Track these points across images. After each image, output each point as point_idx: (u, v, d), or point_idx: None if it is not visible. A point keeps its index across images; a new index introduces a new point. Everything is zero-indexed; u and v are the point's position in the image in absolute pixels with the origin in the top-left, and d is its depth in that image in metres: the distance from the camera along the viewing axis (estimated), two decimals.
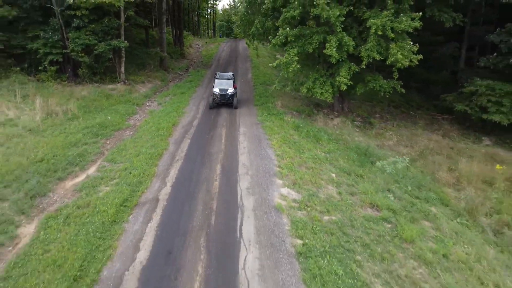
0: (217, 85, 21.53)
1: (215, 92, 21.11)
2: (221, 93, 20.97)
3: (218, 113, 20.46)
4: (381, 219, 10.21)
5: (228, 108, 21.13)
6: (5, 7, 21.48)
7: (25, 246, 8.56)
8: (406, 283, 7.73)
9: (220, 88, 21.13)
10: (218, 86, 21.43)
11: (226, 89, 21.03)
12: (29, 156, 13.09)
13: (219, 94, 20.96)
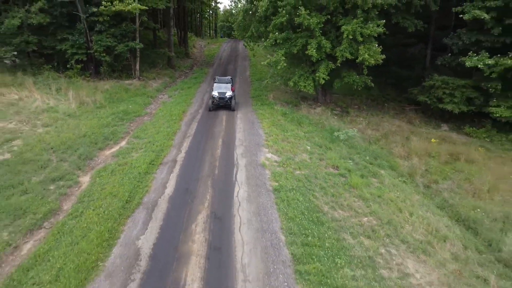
0: (216, 88, 22.33)
1: (214, 95, 21.98)
2: (219, 96, 21.84)
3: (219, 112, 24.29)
4: (338, 174, 14.08)
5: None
6: (40, 14, 25.32)
7: (86, 187, 12.45)
8: (345, 208, 11.60)
9: (219, 91, 21.98)
10: (217, 89, 22.23)
11: (224, 92, 21.92)
12: (74, 133, 16.99)
13: (218, 97, 21.84)
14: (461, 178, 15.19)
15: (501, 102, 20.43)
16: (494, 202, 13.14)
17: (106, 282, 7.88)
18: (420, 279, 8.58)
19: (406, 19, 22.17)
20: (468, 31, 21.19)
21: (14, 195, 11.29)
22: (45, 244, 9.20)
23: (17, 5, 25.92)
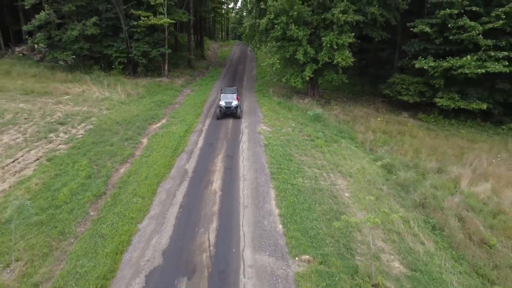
0: (223, 98, 24.21)
1: (221, 105, 23.81)
2: (226, 105, 23.76)
3: None
4: (309, 140, 21.06)
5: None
6: (93, 27, 32.86)
7: (147, 144, 19.73)
8: (308, 156, 18.58)
9: (225, 101, 23.86)
10: (224, 99, 24.09)
11: (230, 102, 23.82)
12: (129, 114, 24.36)
13: (225, 107, 23.77)
14: (397, 145, 22.02)
15: (443, 94, 27.14)
16: (411, 157, 19.97)
17: (171, 181, 15.10)
18: (338, 185, 15.58)
19: (373, 31, 28.94)
20: (419, 41, 27.89)
21: (106, 146, 18.64)
22: (133, 167, 16.49)
23: (75, 20, 33.53)
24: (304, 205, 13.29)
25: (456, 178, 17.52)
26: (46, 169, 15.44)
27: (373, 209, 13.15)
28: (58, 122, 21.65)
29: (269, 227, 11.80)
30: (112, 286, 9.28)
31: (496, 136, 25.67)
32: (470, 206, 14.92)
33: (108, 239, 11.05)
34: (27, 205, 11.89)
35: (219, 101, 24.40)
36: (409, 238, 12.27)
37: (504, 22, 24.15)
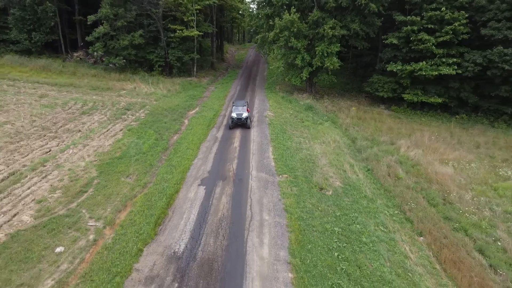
0: (234, 110, 27.05)
1: (233, 116, 26.63)
2: (237, 117, 26.52)
3: (246, 92, 40.42)
4: (301, 122, 29.74)
5: (251, 94, 40.40)
6: (139, 38, 42.21)
7: (188, 123, 28.80)
8: (298, 131, 27.27)
9: (237, 113, 26.69)
10: (235, 111, 26.89)
11: (241, 114, 26.58)
12: (171, 104, 33.52)
13: (236, 118, 26.50)
14: (364, 126, 30.39)
15: (410, 91, 35.26)
16: (371, 133, 28.33)
17: (208, 142, 24.05)
18: (314, 148, 24.22)
19: (356, 42, 37.25)
20: (390, 49, 36.06)
21: (162, 123, 27.75)
22: (182, 135, 25.52)
23: (125, 32, 43.00)
24: (289, 154, 22.03)
25: (399, 147, 25.86)
26: (129, 135, 24.66)
27: (332, 158, 21.83)
28: (125, 108, 31.01)
29: (266, 163, 20.62)
30: (183, 184, 18.22)
31: (448, 123, 33.68)
32: (399, 161, 23.30)
33: (177, 167, 20.03)
34: (130, 150, 21.08)
35: (231, 113, 27.24)
36: (350, 173, 20.83)
37: (452, 36, 32.12)
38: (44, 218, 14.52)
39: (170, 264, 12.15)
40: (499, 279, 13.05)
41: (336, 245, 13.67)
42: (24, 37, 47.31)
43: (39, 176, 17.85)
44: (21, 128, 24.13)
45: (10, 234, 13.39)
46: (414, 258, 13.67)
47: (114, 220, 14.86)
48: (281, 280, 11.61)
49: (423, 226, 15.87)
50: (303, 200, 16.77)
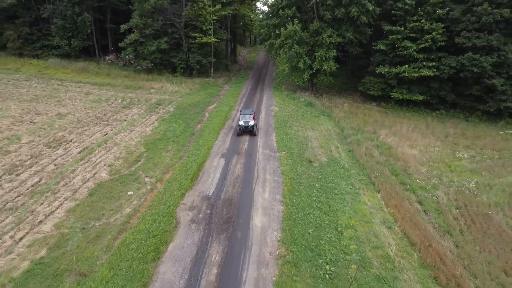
0: (242, 118, 29.15)
1: (240, 124, 28.57)
2: (244, 124, 28.43)
3: (256, 91, 46.90)
4: (301, 115, 36.09)
5: (260, 92, 46.90)
6: (164, 44, 49.07)
7: (209, 115, 35.41)
8: (297, 122, 33.62)
9: (244, 121, 28.68)
10: (242, 119, 28.92)
11: (248, 121, 28.61)
12: (193, 100, 40.25)
13: (243, 126, 28.41)
14: (355, 120, 36.49)
15: (396, 90, 41.16)
16: (357, 124, 34.42)
17: (225, 130, 30.56)
18: (309, 135, 30.52)
19: (351, 48, 43.31)
20: (379, 54, 41.99)
21: (187, 115, 34.43)
22: (204, 124, 32.11)
23: (153, 39, 49.92)
24: (288, 138, 28.41)
25: (379, 135, 31.93)
26: (163, 123, 31.38)
27: (322, 142, 28.16)
28: (156, 103, 37.82)
29: (270, 143, 27.06)
30: (209, 157, 24.74)
31: (428, 117, 39.49)
32: (376, 145, 29.43)
33: (203, 146, 26.56)
34: (166, 134, 27.82)
35: (239, 120, 29.33)
36: (334, 152, 27.08)
37: (431, 43, 37.92)
38: (116, 175, 21.26)
39: (204, 201, 18.70)
40: (426, 218, 19.20)
41: (314, 193, 20.03)
42: (64, 43, 54.75)
43: (105, 150, 24.67)
44: (80, 118, 31.13)
45: (96, 183, 20.14)
46: (369, 203, 19.92)
47: (162, 178, 21.49)
48: (276, 210, 18.04)
49: (382, 187, 22.04)
50: (295, 168, 23.16)
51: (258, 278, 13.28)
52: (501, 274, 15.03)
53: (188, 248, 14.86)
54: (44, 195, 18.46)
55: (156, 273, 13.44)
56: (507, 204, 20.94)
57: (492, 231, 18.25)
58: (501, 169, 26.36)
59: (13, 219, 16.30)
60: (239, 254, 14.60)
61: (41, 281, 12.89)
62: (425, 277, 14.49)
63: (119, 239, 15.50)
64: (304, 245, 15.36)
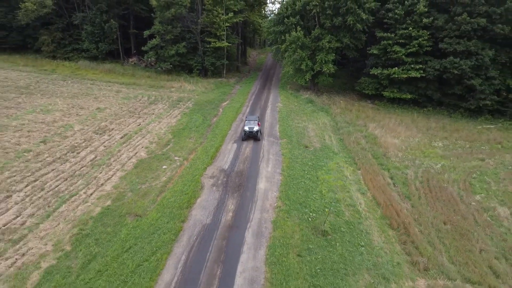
0: (247, 124, 31.15)
1: (246, 129, 30.48)
2: (249, 130, 30.27)
3: (263, 91, 52.68)
4: (302, 111, 41.75)
5: (267, 91, 52.62)
6: (183, 48, 55.16)
7: (223, 110, 41.29)
8: (299, 116, 39.27)
9: (249, 127, 30.60)
10: (248, 125, 30.91)
11: (252, 127, 30.46)
12: (209, 98, 46.19)
13: (248, 131, 30.28)
14: (349, 115, 41.93)
15: (388, 89, 46.44)
16: (350, 119, 39.88)
17: (236, 122, 36.34)
18: (308, 126, 36.18)
19: (349, 51, 48.73)
20: (373, 58, 47.31)
21: (205, 110, 40.40)
22: (219, 118, 37.96)
23: (172, 44, 56.05)
24: (289, 129, 34.09)
25: (368, 128, 37.31)
26: (185, 117, 37.35)
27: (318, 132, 33.80)
28: (177, 100, 43.85)
29: (274, 133, 32.81)
30: (224, 142, 30.56)
31: (415, 113, 44.64)
32: (364, 136, 34.89)
33: (218, 134, 32.40)
34: (188, 124, 33.81)
35: (244, 126, 31.38)
36: (327, 140, 32.67)
37: (418, 48, 43.10)
38: (152, 155, 27.26)
39: (221, 172, 24.53)
40: (394, 188, 24.66)
41: (306, 169, 25.69)
42: (93, 47, 61.31)
43: (140, 137, 30.73)
44: (116, 111, 37.32)
45: (138, 160, 26.13)
46: (350, 177, 25.48)
47: (188, 157, 27.39)
48: (276, 178, 23.77)
49: (362, 166, 27.56)
50: (293, 151, 28.86)
51: (261, 218, 19.05)
52: (441, 224, 20.46)
53: (211, 201, 20.70)
54: (101, 167, 24.55)
55: (189, 215, 19.29)
56: (462, 181, 26.25)
57: (444, 198, 23.63)
58: (468, 156, 31.55)
59: (82, 182, 22.38)
60: (248, 205, 20.38)
61: (111, 219, 18.83)
62: (382, 224, 20.04)
63: (160, 196, 21.40)
64: (295, 200, 21.07)
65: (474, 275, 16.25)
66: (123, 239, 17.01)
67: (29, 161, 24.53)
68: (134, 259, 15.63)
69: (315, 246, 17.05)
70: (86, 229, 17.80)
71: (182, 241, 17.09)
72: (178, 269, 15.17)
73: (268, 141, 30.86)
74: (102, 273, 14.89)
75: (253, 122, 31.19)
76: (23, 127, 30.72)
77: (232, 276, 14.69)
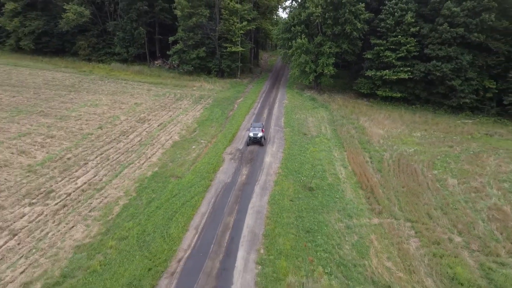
0: (252, 130, 33.55)
1: (250, 135, 33.06)
2: (253, 136, 32.78)
3: (273, 90, 60.24)
4: (305, 106, 49.20)
5: (276, 90, 59.92)
6: (203, 52, 63.14)
7: (237, 106, 49.04)
8: (302, 111, 46.75)
9: (253, 133, 33.08)
10: (252, 131, 33.33)
11: (257, 133, 32.99)
12: (225, 96, 54.00)
13: (252, 137, 32.79)
14: (344, 110, 49.12)
15: (381, 89, 53.41)
16: (345, 113, 47.08)
17: (249, 115, 44.05)
18: (308, 119, 43.61)
19: (347, 55, 55.85)
20: (368, 61, 54.28)
21: (223, 105, 48.12)
22: (234, 112, 45.69)
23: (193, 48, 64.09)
24: (292, 121, 41.59)
25: (359, 121, 44.47)
26: (207, 111, 45.22)
27: (316, 123, 41.30)
28: (199, 97, 51.81)
29: (280, 123, 40.41)
30: (238, 130, 38.25)
31: (404, 109, 51.46)
32: (355, 127, 42.11)
33: (234, 124, 40.07)
34: (210, 116, 41.72)
35: (249, 132, 33.94)
36: (323, 130, 40.00)
37: (406, 53, 49.98)
38: (183, 138, 35.17)
39: (237, 150, 32.24)
40: (370, 164, 31.91)
41: (303, 149, 33.14)
42: (123, 50, 69.95)
43: (173, 125, 38.70)
44: (150, 106, 45.47)
45: (173, 141, 34.05)
46: (337, 156, 32.84)
47: (211, 140, 35.16)
48: (278, 155, 31.36)
49: (348, 149, 34.84)
50: (294, 137, 36.36)
51: (266, 179, 26.66)
52: (400, 188, 27.60)
53: (230, 169, 28.44)
54: (146, 146, 32.57)
55: (215, 177, 27.02)
56: (428, 161, 33.23)
57: (408, 172, 30.74)
58: (440, 143, 38.45)
59: (135, 155, 30.40)
60: (257, 171, 28.02)
61: (160, 179, 26.68)
62: (355, 186, 27.35)
63: (193, 165, 29.19)
64: (291, 169, 28.61)
65: (414, 217, 23.40)
66: (170, 190, 24.83)
67: (93, 141, 32.74)
68: (179, 201, 23.40)
69: (303, 196, 24.56)
70: (144, 184, 25.72)
71: (211, 191, 24.84)
72: (209, 205, 22.91)
73: (274, 130, 38.46)
74: (159, 208, 22.66)
75: (257, 129, 33.72)
76: (81, 117, 39.08)
77: (245, 210, 22.34)
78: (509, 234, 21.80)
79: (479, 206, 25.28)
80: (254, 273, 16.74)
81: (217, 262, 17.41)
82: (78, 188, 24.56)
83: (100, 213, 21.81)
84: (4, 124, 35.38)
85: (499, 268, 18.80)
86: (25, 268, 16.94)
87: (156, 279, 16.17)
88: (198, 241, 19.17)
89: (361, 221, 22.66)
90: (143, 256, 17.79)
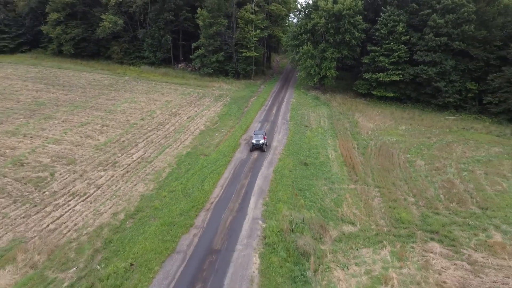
0: (254, 137, 36.70)
1: (253, 142, 36.09)
2: (256, 143, 35.89)
3: (282, 90, 68.71)
4: (307, 103, 57.57)
5: (284, 90, 68.16)
6: (222, 56, 72.11)
7: (251, 104, 57.74)
8: (304, 108, 55.14)
9: (256, 140, 36.20)
10: (255, 138, 36.49)
11: (259, 140, 36.08)
12: (242, 95, 62.79)
13: (255, 144, 35.89)
14: (343, 107, 57.23)
15: (377, 89, 61.30)
16: (343, 110, 55.22)
17: (261, 111, 52.77)
18: (310, 115, 52.01)
19: (347, 59, 63.87)
20: (365, 65, 62.09)
21: (239, 103, 56.86)
22: (249, 108, 54.39)
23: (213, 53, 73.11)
24: (297, 116, 50.04)
25: (354, 116, 52.57)
26: (225, 107, 54.05)
27: (317, 118, 49.77)
28: (218, 96, 60.73)
29: (286, 117, 48.93)
30: (252, 123, 46.92)
31: (395, 107, 59.17)
32: (349, 121, 50.31)
33: (249, 118, 48.74)
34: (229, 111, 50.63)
35: (252, 139, 37.09)
36: (322, 123, 48.36)
37: (398, 58, 57.72)
38: (208, 128, 44.11)
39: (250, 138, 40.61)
40: (356, 150, 40.15)
41: (304, 138, 41.58)
42: (152, 55, 79.60)
43: (199, 118, 47.71)
44: (179, 103, 54.64)
45: (200, 130, 43.05)
46: (330, 143, 41.19)
47: (230, 130, 43.96)
48: (283, 142, 39.95)
49: (340, 138, 43.09)
50: (297, 128, 44.84)
51: (272, 157, 35.28)
52: (376, 166, 35.75)
53: (245, 150, 37.15)
54: (180, 133, 41.62)
55: (234, 155, 35.74)
56: (405, 148, 41.18)
57: (386, 155, 38.81)
58: (420, 135, 46.25)
59: (172, 140, 39.46)
60: (266, 152, 36.67)
61: (192, 156, 35.58)
62: (341, 164, 35.66)
63: (217, 147, 37.98)
64: (293, 151, 37.13)
65: (381, 185, 31.57)
66: (201, 163, 33.67)
67: (139, 129, 42.02)
68: (208, 170, 32.17)
69: (299, 169, 33.07)
70: (181, 159, 34.68)
71: (231, 164, 33.60)
72: (230, 173, 31.66)
73: (281, 122, 47.05)
74: (194, 174, 31.46)
75: (260, 136, 37.19)
76: (125, 111, 48.51)
77: (256, 175, 31.03)
78: (450, 197, 29.75)
79: (435, 179, 33.20)
80: (261, 210, 25.43)
81: (237, 204, 26.16)
82: (134, 161, 33.68)
83: (153, 177, 30.83)
84: (67, 116, 45.05)
85: (434, 215, 26.83)
86: (111, 206, 25.99)
87: (197, 211, 25.00)
88: (223, 194, 27.94)
89: (341, 186, 31.02)
90: (188, 200, 26.65)
